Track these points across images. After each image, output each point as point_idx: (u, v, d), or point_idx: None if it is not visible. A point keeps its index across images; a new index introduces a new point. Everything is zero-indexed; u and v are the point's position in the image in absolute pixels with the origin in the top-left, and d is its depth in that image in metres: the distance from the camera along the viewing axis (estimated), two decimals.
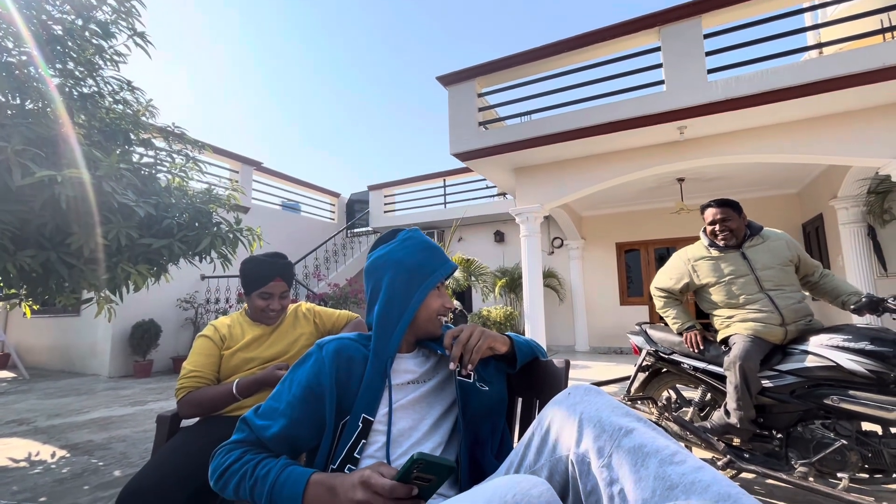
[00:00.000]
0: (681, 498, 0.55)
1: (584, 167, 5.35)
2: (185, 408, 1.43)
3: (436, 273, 0.96)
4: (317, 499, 0.71)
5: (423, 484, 0.67)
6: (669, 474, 0.58)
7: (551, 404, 0.76)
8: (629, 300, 8.06)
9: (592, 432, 0.67)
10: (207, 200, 3.26)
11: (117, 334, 6.61)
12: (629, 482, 0.60)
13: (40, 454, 2.96)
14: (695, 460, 0.60)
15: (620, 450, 0.63)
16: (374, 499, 0.66)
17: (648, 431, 0.65)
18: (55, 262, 2.45)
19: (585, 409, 0.71)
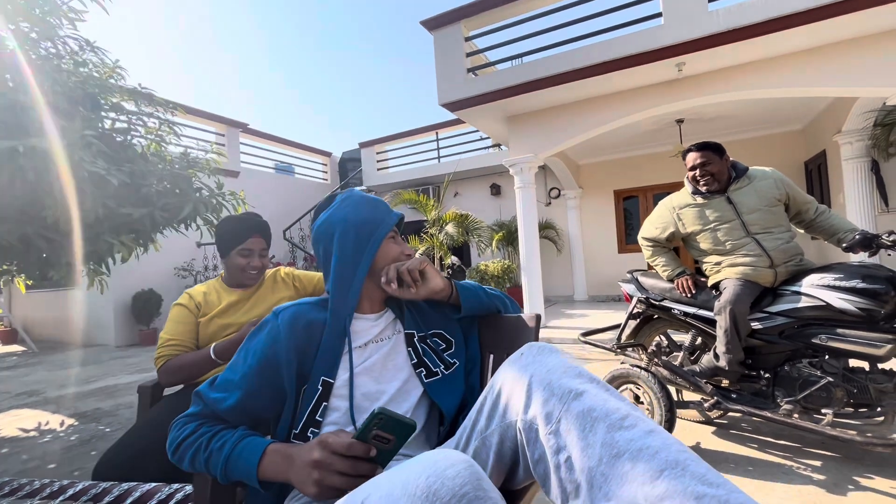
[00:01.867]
0: (627, 466, 0.52)
1: (579, 112, 5.14)
2: (165, 376, 1.42)
3: (383, 223, 0.93)
4: (273, 467, 0.69)
5: (383, 445, 0.65)
6: (617, 440, 0.54)
7: (504, 365, 0.73)
8: (627, 248, 8.03)
9: (541, 396, 0.63)
10: (186, 165, 3.16)
11: (119, 305, 6.68)
12: (576, 449, 0.57)
13: (49, 423, 3.05)
14: (646, 424, 0.56)
15: (569, 414, 0.59)
16: (330, 457, 0.64)
17: (600, 393, 0.61)
18: (33, 235, 2.39)
19: (536, 371, 0.67)
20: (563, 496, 0.57)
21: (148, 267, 6.57)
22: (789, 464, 1.87)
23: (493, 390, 0.71)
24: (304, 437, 0.80)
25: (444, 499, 0.46)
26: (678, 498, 0.47)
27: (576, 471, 0.56)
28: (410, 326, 0.95)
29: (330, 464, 0.63)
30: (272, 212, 8.70)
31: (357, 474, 0.63)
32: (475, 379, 0.95)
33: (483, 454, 0.69)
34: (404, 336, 0.93)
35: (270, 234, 1.64)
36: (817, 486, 1.69)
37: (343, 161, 11.41)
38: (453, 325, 0.99)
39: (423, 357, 0.92)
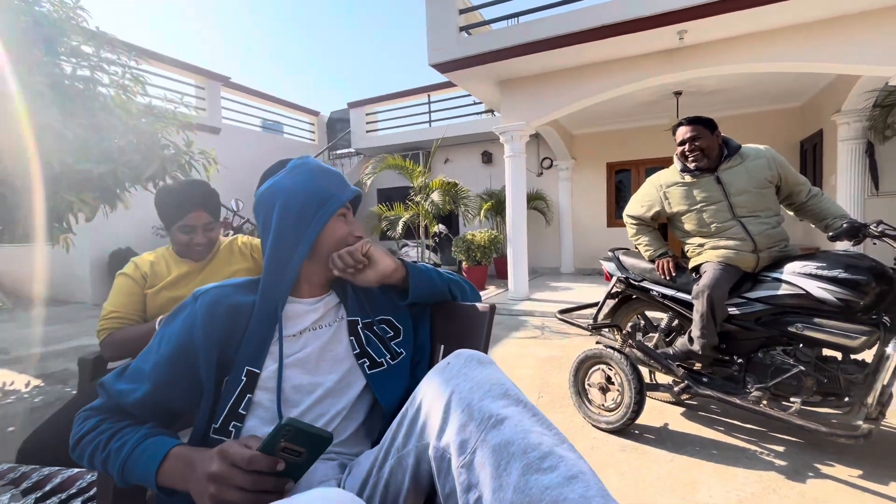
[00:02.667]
0: None
1: (575, 79, 4.92)
2: (108, 349, 1.34)
3: (334, 198, 0.82)
4: (173, 475, 0.61)
5: (293, 458, 0.58)
6: (531, 486, 0.47)
7: (430, 373, 0.65)
8: (617, 222, 7.97)
9: (458, 419, 0.55)
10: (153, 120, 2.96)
11: (95, 262, 6.52)
12: (487, 490, 0.49)
13: (14, 384, 2.99)
14: (568, 467, 0.49)
15: (485, 446, 0.52)
16: (230, 470, 0.56)
17: (523, 422, 0.53)
18: None
19: (458, 387, 0.59)
20: None
21: (125, 225, 6.38)
22: (753, 448, 1.88)
23: (413, 403, 0.64)
24: (226, 431, 0.72)
25: None
26: None
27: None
28: (354, 312, 0.86)
29: (229, 478, 0.55)
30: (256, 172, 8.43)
31: (259, 490, 0.56)
32: (422, 372, 0.88)
33: (399, 475, 0.62)
34: (347, 323, 0.85)
35: (218, 203, 1.51)
36: (778, 471, 1.70)
37: (331, 121, 11.02)
38: (403, 312, 0.91)
39: (367, 346, 0.84)
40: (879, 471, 1.67)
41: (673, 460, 1.81)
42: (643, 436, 2.03)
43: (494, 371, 0.61)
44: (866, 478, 1.63)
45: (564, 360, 3.17)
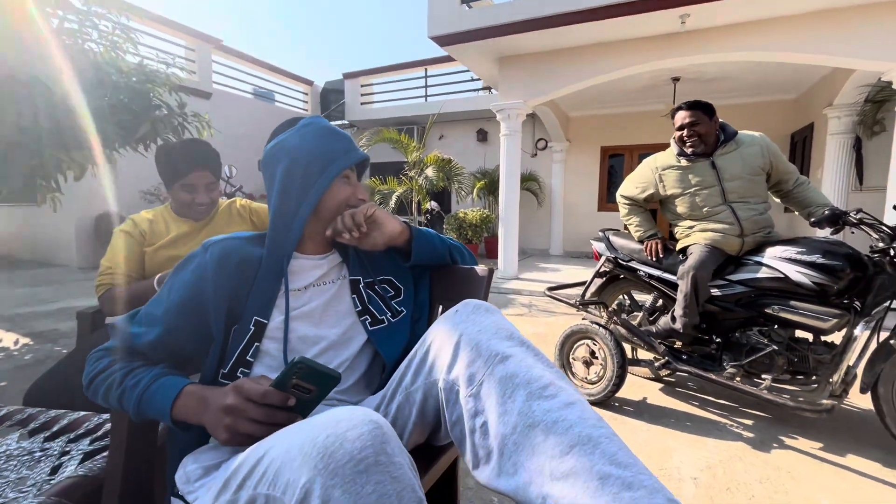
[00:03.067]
0: (539, 437, 0.50)
1: (575, 60, 4.89)
2: (107, 304, 1.36)
3: (340, 159, 0.84)
4: (186, 410, 0.65)
5: (303, 394, 0.61)
6: (534, 410, 0.52)
7: (438, 320, 0.69)
8: (607, 206, 8.05)
9: (467, 357, 0.60)
10: (144, 79, 2.89)
11: (82, 225, 6.42)
12: (493, 415, 0.54)
13: (3, 341, 2.98)
14: (567, 395, 0.54)
15: (492, 378, 0.57)
16: (244, 404, 0.60)
17: (526, 359, 0.58)
18: None
19: (466, 330, 0.64)
20: (474, 460, 0.56)
21: (113, 188, 6.25)
22: (724, 421, 1.99)
23: (423, 346, 0.68)
24: (233, 377, 0.76)
25: (340, 462, 0.43)
26: (583, 476, 0.45)
27: (490, 437, 0.54)
28: (356, 272, 0.90)
29: (243, 410, 0.60)
30: (248, 139, 8.28)
31: (272, 423, 0.60)
32: (421, 329, 0.92)
33: (406, 410, 0.67)
34: (349, 282, 0.88)
35: (219, 163, 1.51)
36: (745, 442, 1.81)
37: (325, 91, 10.79)
38: (404, 273, 0.94)
39: (369, 304, 0.88)
40: (838, 444, 1.79)
41: (649, 430, 1.91)
42: (623, 408, 2.13)
43: (499, 318, 0.65)
44: (826, 450, 1.75)
45: (550, 336, 3.26)
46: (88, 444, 0.88)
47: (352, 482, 0.42)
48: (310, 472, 0.43)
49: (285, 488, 0.44)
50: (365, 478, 0.43)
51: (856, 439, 1.83)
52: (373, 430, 0.46)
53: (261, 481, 0.47)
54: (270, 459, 0.48)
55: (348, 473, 0.43)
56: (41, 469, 0.81)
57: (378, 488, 0.43)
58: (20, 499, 0.73)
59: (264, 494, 0.47)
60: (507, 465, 0.51)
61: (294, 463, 0.44)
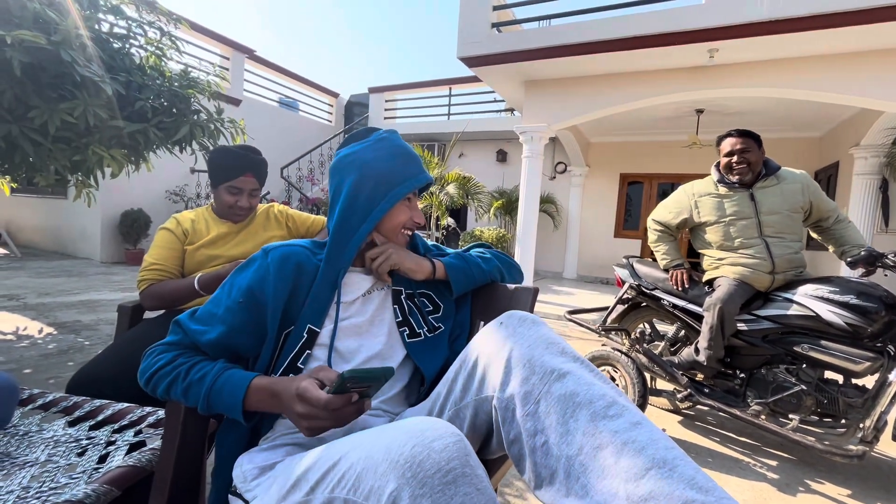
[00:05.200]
0: (609, 459, 0.50)
1: (600, 87, 4.95)
2: (148, 300, 1.39)
3: (407, 182, 0.85)
4: (260, 404, 0.67)
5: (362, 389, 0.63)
6: (600, 430, 0.52)
7: (482, 334, 0.70)
8: (624, 233, 8.02)
9: (521, 374, 0.60)
10: (186, 85, 3.00)
11: (107, 221, 6.57)
12: (554, 434, 0.54)
13: (28, 329, 3.05)
14: (633, 415, 0.54)
15: (549, 396, 0.57)
16: (314, 411, 0.61)
17: (585, 376, 0.58)
18: (18, 136, 2.27)
19: (517, 345, 0.64)
20: (536, 480, 0.56)
21: (139, 187, 6.42)
22: (747, 460, 1.94)
23: (468, 359, 0.69)
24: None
25: (429, 471, 0.44)
26: (664, 501, 0.45)
27: (552, 457, 0.54)
28: (400, 282, 0.91)
29: (315, 416, 0.61)
30: (272, 147, 8.45)
31: (345, 422, 0.61)
32: (461, 346, 0.93)
33: (457, 424, 0.67)
34: (392, 292, 0.90)
35: (266, 173, 1.56)
36: (770, 483, 1.76)
37: (350, 104, 11.02)
38: (444, 291, 0.96)
39: (409, 316, 0.89)
40: (868, 493, 1.73)
41: None
42: None
43: (547, 330, 0.66)
44: (855, 497, 1.69)
45: None
46: (133, 435, 0.90)
47: (441, 493, 0.43)
48: (397, 481, 0.44)
49: (368, 494, 0.45)
50: (453, 489, 0.43)
51: (886, 489, 1.77)
52: (457, 441, 0.47)
53: (339, 485, 0.48)
54: (349, 464, 0.48)
55: (437, 484, 0.43)
56: (89, 457, 0.83)
57: (466, 500, 0.43)
58: (71, 485, 0.74)
59: (343, 498, 0.48)
60: (576, 486, 0.51)
61: (377, 469, 0.45)
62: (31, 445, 0.86)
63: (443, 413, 0.69)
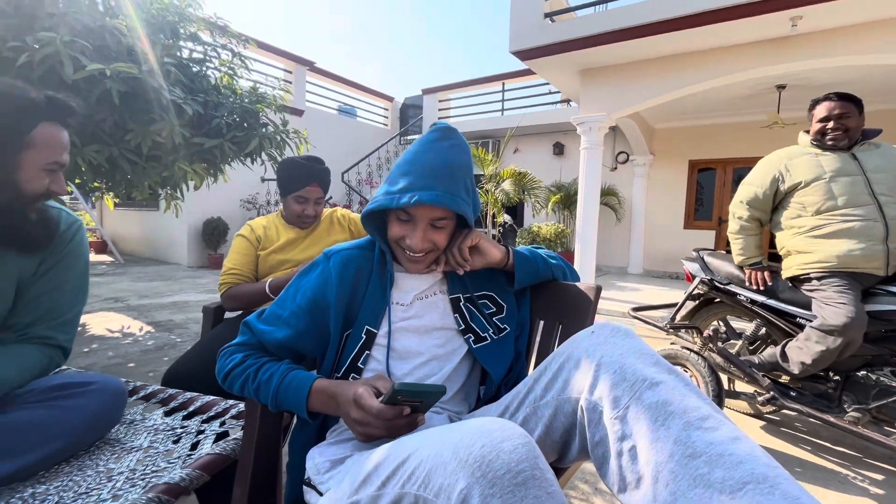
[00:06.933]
0: (702, 469, 0.47)
1: (665, 69, 4.65)
2: (227, 301, 1.52)
3: (395, 197, 0.77)
4: (321, 405, 0.73)
5: (414, 404, 0.66)
6: (694, 440, 0.49)
7: (570, 341, 0.69)
8: (694, 224, 7.49)
9: (610, 379, 0.59)
10: (255, 100, 3.22)
11: (192, 229, 7.24)
12: (644, 440, 0.53)
13: (130, 328, 3.44)
14: (730, 429, 0.51)
15: (640, 403, 0.55)
16: (367, 418, 0.66)
17: (678, 387, 0.56)
18: (118, 157, 2.56)
19: (607, 353, 0.62)
20: (621, 484, 0.55)
21: (217, 196, 7.00)
22: (846, 472, 1.74)
23: (554, 363, 0.68)
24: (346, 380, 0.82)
25: (499, 472, 0.44)
26: None
27: (640, 462, 0.52)
28: (456, 289, 0.90)
29: (368, 423, 0.65)
30: (332, 153, 8.85)
31: (397, 434, 0.65)
32: (522, 344, 0.93)
33: (532, 423, 0.67)
34: (450, 300, 0.90)
35: (329, 181, 1.65)
36: (876, 500, 1.57)
37: (405, 107, 11.26)
38: (505, 290, 0.95)
39: (471, 322, 0.89)
40: None
41: None
42: None
43: (640, 342, 0.64)
44: None
45: None
46: (218, 425, 0.99)
47: (511, 494, 0.44)
48: (467, 479, 0.45)
49: (438, 491, 0.46)
50: (523, 491, 0.44)
51: None
52: (526, 443, 0.47)
53: (409, 480, 0.50)
54: (419, 460, 0.50)
55: (507, 485, 0.44)
56: (183, 444, 0.92)
57: (536, 503, 0.44)
58: (169, 468, 0.83)
59: (413, 494, 0.49)
60: (664, 492, 0.49)
61: (447, 467, 0.46)
62: (136, 433, 0.97)
63: (519, 410, 0.70)
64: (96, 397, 0.89)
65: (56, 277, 0.92)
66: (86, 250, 0.99)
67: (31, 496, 0.75)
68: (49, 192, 0.85)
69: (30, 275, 0.89)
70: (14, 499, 0.74)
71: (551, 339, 0.94)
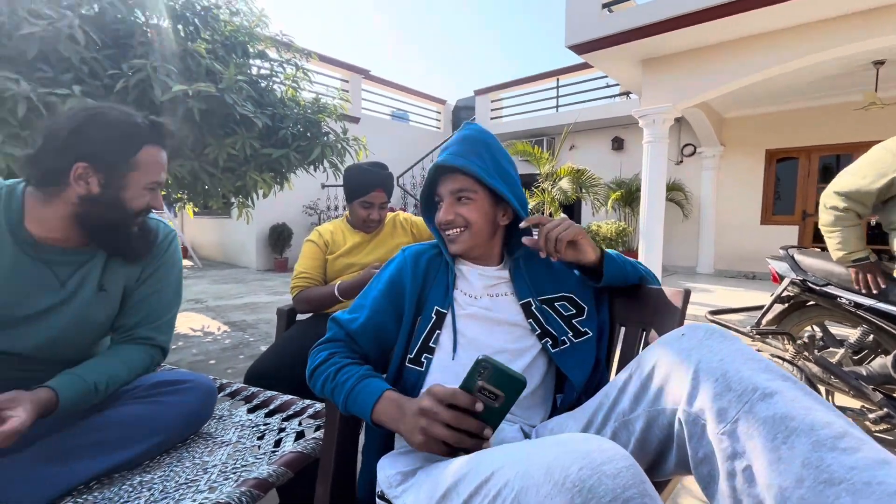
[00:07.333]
0: (844, 499, 0.40)
1: (739, 52, 4.30)
2: (299, 304, 1.59)
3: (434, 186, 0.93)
4: (385, 413, 0.71)
5: (490, 400, 0.61)
6: (829, 464, 0.43)
7: (658, 345, 0.63)
8: (773, 219, 6.87)
9: (713, 388, 0.53)
10: (317, 110, 3.36)
11: (259, 234, 7.70)
12: (761, 461, 0.46)
13: (209, 327, 3.71)
14: (873, 450, 0.43)
15: (752, 417, 0.49)
16: (436, 406, 0.63)
17: (800, 398, 0.49)
18: (199, 170, 2.77)
19: (704, 358, 0.56)
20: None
21: (282, 203, 7.39)
22: None
23: (640, 371, 0.63)
24: (419, 361, 0.84)
25: (603, 499, 0.40)
26: None
27: (759, 485, 0.46)
28: (525, 293, 0.89)
29: (436, 413, 0.62)
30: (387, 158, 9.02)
31: (462, 428, 0.61)
32: (602, 350, 0.88)
33: (622, 438, 0.63)
34: (521, 305, 0.89)
35: (393, 186, 1.68)
36: None
37: (457, 109, 11.31)
38: (585, 291, 0.91)
39: (547, 325, 0.86)
40: None
41: None
42: None
43: (742, 345, 0.58)
44: None
45: None
46: (298, 424, 1.03)
47: None
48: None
49: None
50: None
51: None
52: (630, 466, 0.43)
53: (495, 501, 0.47)
54: (505, 480, 0.47)
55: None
56: (267, 441, 0.96)
57: None
58: (257, 464, 0.87)
59: None
60: None
61: (540, 490, 0.43)
62: (224, 428, 1.03)
63: (605, 425, 0.65)
64: (191, 394, 0.96)
65: (156, 283, 1.00)
66: (179, 257, 1.07)
67: (140, 484, 0.81)
68: (149, 208, 0.93)
69: (134, 281, 0.98)
70: (125, 486, 0.81)
71: (634, 347, 0.88)
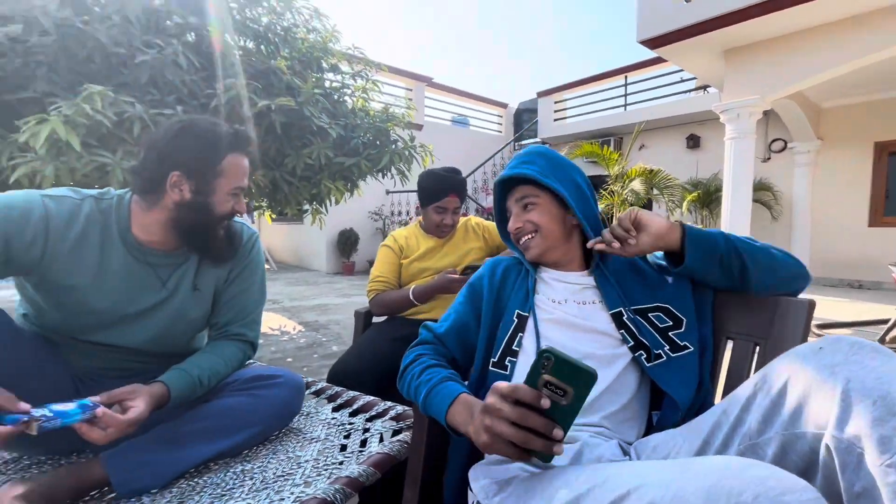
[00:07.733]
0: None
1: (841, 34, 3.85)
2: (375, 307, 1.63)
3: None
4: (458, 415, 0.70)
5: (557, 396, 0.55)
6: None
7: (789, 358, 0.56)
8: (885, 220, 6.06)
9: (870, 412, 0.46)
10: (385, 120, 3.48)
11: (329, 239, 8.09)
12: None
13: (286, 327, 3.94)
14: None
15: None
16: (500, 402, 0.57)
17: None
18: (279, 179, 2.96)
19: (855, 376, 0.49)
20: None
21: (350, 209, 7.71)
22: None
23: (768, 385, 0.57)
24: (502, 365, 0.83)
25: None
26: None
27: None
28: (615, 303, 0.84)
29: (499, 409, 0.57)
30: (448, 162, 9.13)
31: (526, 426, 0.55)
32: (706, 367, 0.80)
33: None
34: (611, 315, 0.84)
35: (466, 191, 1.68)
36: None
37: (519, 112, 11.18)
38: (684, 300, 0.84)
39: (642, 337, 0.81)
40: None
41: None
42: None
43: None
44: None
45: None
46: (381, 425, 1.05)
47: None
48: None
49: None
50: None
51: None
52: (815, 499, 0.38)
53: None
54: (649, 499, 0.44)
55: None
56: (353, 440, 0.99)
57: None
58: (346, 462, 0.90)
59: None
60: None
61: None
62: (313, 425, 1.07)
63: (728, 447, 0.59)
64: (284, 389, 1.01)
65: (243, 282, 1.07)
66: (262, 258, 1.14)
67: (242, 472, 0.87)
68: (233, 212, 0.99)
69: (223, 282, 1.05)
70: (230, 472, 0.87)
71: (745, 364, 0.79)
